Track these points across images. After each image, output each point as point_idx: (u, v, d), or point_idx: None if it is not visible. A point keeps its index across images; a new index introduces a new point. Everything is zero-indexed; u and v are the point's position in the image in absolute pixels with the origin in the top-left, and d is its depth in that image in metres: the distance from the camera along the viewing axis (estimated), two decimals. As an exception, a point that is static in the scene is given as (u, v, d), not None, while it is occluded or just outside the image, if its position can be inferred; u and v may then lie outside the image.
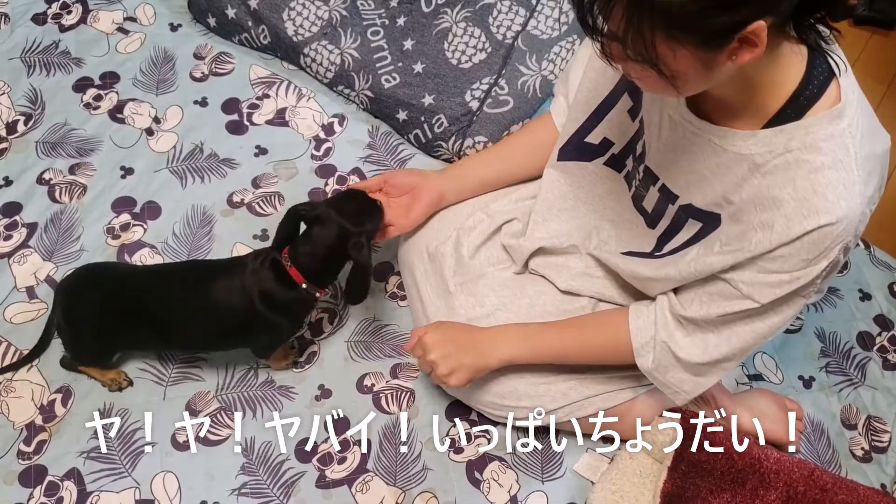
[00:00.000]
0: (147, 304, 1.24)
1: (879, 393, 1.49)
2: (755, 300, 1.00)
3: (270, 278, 1.21)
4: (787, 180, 0.92)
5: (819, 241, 0.92)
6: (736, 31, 0.78)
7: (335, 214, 1.19)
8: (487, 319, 1.29)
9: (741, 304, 1.02)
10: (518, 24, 1.69)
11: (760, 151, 0.94)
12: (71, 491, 1.26)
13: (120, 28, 1.77)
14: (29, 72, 1.68)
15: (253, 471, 1.30)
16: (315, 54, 1.68)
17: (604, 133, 1.21)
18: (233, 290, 1.22)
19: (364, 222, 1.21)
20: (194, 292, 1.24)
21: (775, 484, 1.24)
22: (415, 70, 1.65)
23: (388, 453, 1.34)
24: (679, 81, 0.85)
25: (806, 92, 0.91)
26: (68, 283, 1.30)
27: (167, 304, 1.24)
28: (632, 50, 0.82)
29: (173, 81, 1.70)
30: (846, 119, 0.91)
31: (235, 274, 1.22)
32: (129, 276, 1.31)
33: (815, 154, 0.90)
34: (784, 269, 0.96)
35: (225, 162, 1.61)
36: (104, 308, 1.24)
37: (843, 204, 0.90)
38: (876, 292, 1.61)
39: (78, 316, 1.26)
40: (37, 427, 1.30)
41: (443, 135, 1.62)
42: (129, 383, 1.34)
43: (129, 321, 1.24)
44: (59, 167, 1.56)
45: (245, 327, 1.25)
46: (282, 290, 1.21)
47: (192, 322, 1.25)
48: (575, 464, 1.36)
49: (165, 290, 1.25)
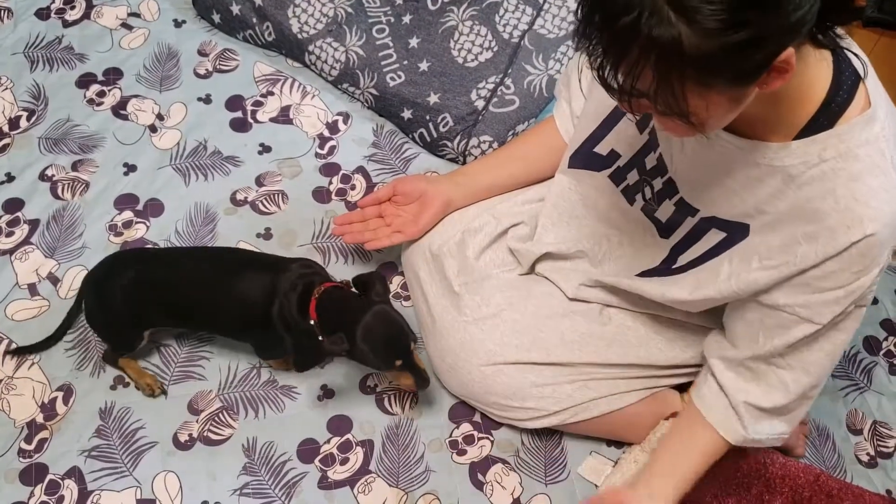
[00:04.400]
0: (178, 283, 1.26)
1: (886, 398, 1.49)
2: (815, 322, 0.98)
3: (296, 295, 1.20)
4: (826, 191, 0.90)
5: (867, 251, 0.90)
6: (768, 64, 0.76)
7: (368, 316, 1.17)
8: (493, 319, 1.29)
9: (803, 330, 0.99)
10: (525, 22, 1.68)
11: (794, 163, 0.92)
12: (72, 490, 1.25)
13: (124, 24, 1.76)
14: (32, 67, 1.67)
15: (255, 471, 1.29)
16: (320, 52, 1.68)
17: (611, 145, 1.19)
18: (261, 286, 1.22)
19: (365, 349, 1.17)
20: (225, 277, 1.24)
21: (781, 489, 1.23)
22: (420, 68, 1.64)
23: (390, 454, 1.33)
24: (707, 125, 0.83)
25: (837, 98, 0.89)
26: (99, 270, 1.30)
27: (196, 283, 1.25)
28: (662, 105, 0.79)
29: (177, 78, 1.69)
30: (878, 123, 0.89)
31: (272, 273, 1.23)
32: (160, 255, 1.35)
33: (852, 162, 0.88)
34: (838, 284, 0.94)
35: (228, 159, 1.60)
36: (134, 285, 1.25)
37: (886, 209, 0.88)
38: (883, 297, 1.60)
39: (109, 297, 1.26)
40: (38, 425, 1.30)
41: (448, 134, 1.61)
42: (163, 392, 1.34)
43: (160, 298, 1.25)
44: (61, 163, 1.55)
45: (256, 326, 1.24)
46: (296, 310, 1.20)
47: (216, 305, 1.25)
48: (579, 467, 1.35)
49: (196, 270, 1.26)
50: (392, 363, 1.18)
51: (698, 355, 1.28)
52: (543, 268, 1.32)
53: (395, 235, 1.34)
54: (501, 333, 1.28)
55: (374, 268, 1.51)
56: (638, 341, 1.29)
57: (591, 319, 1.29)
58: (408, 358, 1.19)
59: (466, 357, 1.29)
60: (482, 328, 1.29)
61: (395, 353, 1.18)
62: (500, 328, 1.28)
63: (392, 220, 1.37)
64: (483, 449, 1.35)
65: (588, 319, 1.29)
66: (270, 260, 1.31)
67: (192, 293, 1.25)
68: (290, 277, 1.21)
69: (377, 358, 1.18)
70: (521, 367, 1.28)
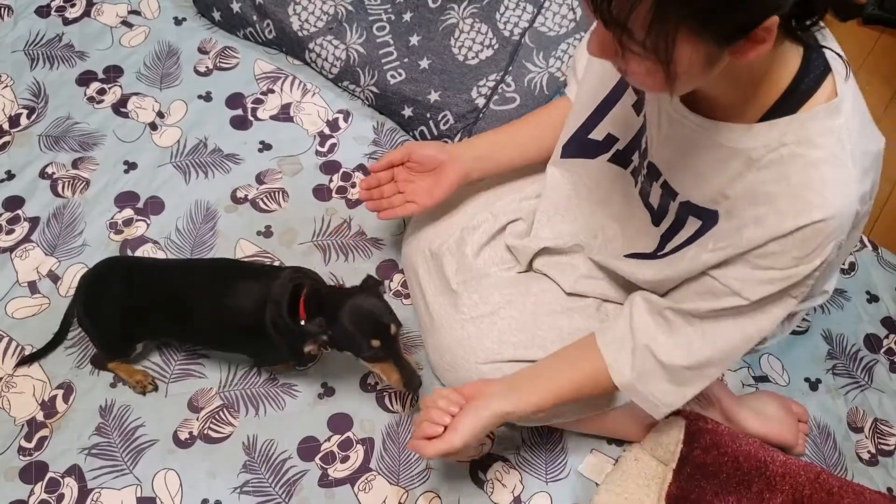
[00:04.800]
0: (170, 295, 1.24)
1: (886, 396, 1.48)
2: (744, 297, 0.98)
3: (286, 299, 1.19)
4: (781, 175, 0.90)
5: (811, 238, 0.90)
6: (754, 26, 0.76)
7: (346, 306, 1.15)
8: (491, 317, 1.28)
9: (729, 301, 0.99)
10: (525, 20, 1.68)
11: (755, 146, 0.92)
12: (72, 488, 1.25)
13: (124, 21, 1.76)
14: (32, 65, 1.67)
15: (255, 469, 1.29)
16: (320, 49, 1.67)
17: (608, 129, 1.19)
18: (252, 295, 1.21)
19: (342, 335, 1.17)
20: (217, 288, 1.23)
21: (781, 487, 1.23)
22: (421, 66, 1.64)
23: (391, 452, 1.33)
24: (679, 80, 0.83)
25: (801, 86, 0.89)
26: (90, 275, 1.29)
27: (190, 296, 1.24)
28: (650, 44, 0.78)
29: (177, 76, 1.69)
30: (843, 115, 0.89)
31: (261, 281, 1.22)
32: (153, 267, 1.33)
33: (811, 149, 0.88)
34: (776, 265, 0.94)
35: (229, 157, 1.60)
36: (126, 297, 1.24)
37: (837, 200, 0.88)
38: (883, 294, 1.60)
39: (99, 306, 1.25)
40: (38, 423, 1.30)
41: (448, 132, 1.61)
42: (154, 388, 1.34)
43: (151, 309, 1.25)
44: (61, 161, 1.55)
45: (250, 335, 1.23)
46: (286, 313, 1.19)
47: (208, 317, 1.24)
48: (579, 465, 1.35)
49: (189, 283, 1.26)
50: (368, 342, 1.15)
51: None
52: (541, 263, 1.32)
53: (409, 206, 1.31)
54: (500, 331, 1.28)
55: (375, 265, 1.51)
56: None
57: (589, 316, 1.28)
58: (387, 340, 1.16)
59: (465, 355, 1.28)
60: (480, 326, 1.28)
61: (371, 331, 1.15)
62: (498, 326, 1.28)
63: (405, 187, 1.33)
64: (483, 447, 1.35)
65: (586, 316, 1.28)
66: (261, 269, 1.30)
67: (183, 306, 1.24)
68: (280, 283, 1.20)
69: (353, 337, 1.16)
70: (520, 365, 1.27)
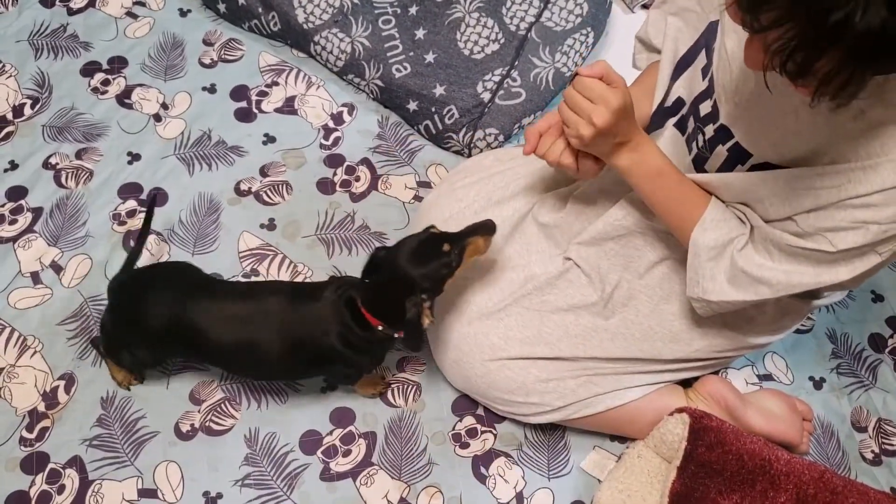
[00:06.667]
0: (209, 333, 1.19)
1: (891, 395, 1.48)
2: (832, 244, 0.96)
3: (347, 317, 1.16)
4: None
5: None
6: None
7: (400, 262, 1.13)
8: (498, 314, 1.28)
9: (816, 244, 0.97)
10: (532, 15, 1.67)
11: (870, 100, 0.88)
12: (73, 479, 1.25)
13: (129, 12, 1.75)
14: (36, 55, 1.66)
15: (257, 462, 1.29)
16: (325, 42, 1.67)
17: (678, 92, 1.16)
18: (310, 322, 1.18)
19: (425, 278, 1.13)
20: (270, 321, 1.19)
21: (785, 486, 1.22)
22: (426, 60, 1.63)
23: (393, 447, 1.33)
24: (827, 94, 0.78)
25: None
26: (126, 282, 1.25)
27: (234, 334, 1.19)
28: (834, 88, 0.74)
29: (182, 67, 1.69)
30: None
31: (313, 304, 1.18)
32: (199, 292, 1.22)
33: None
34: (876, 218, 0.91)
35: (233, 149, 1.59)
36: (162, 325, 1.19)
37: None
38: (889, 294, 1.59)
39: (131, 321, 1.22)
40: (39, 414, 1.29)
41: (453, 126, 1.60)
42: (141, 381, 1.33)
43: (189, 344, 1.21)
44: (65, 152, 1.55)
45: (322, 360, 1.21)
46: (358, 329, 1.16)
47: (262, 352, 1.19)
48: (582, 461, 1.35)
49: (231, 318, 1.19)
50: (442, 255, 1.13)
51: (702, 350, 1.28)
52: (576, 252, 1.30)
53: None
54: (506, 328, 1.27)
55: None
56: (642, 335, 1.28)
57: (595, 314, 1.28)
58: (444, 239, 1.14)
59: (470, 351, 1.28)
60: (486, 323, 1.28)
61: (433, 246, 1.14)
62: (504, 322, 1.28)
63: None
64: (486, 442, 1.35)
65: (592, 314, 1.28)
66: (303, 290, 1.24)
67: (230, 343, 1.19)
68: (331, 306, 1.17)
69: (432, 266, 1.13)
70: (525, 362, 1.27)
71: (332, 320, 1.17)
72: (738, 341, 1.27)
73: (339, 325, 1.16)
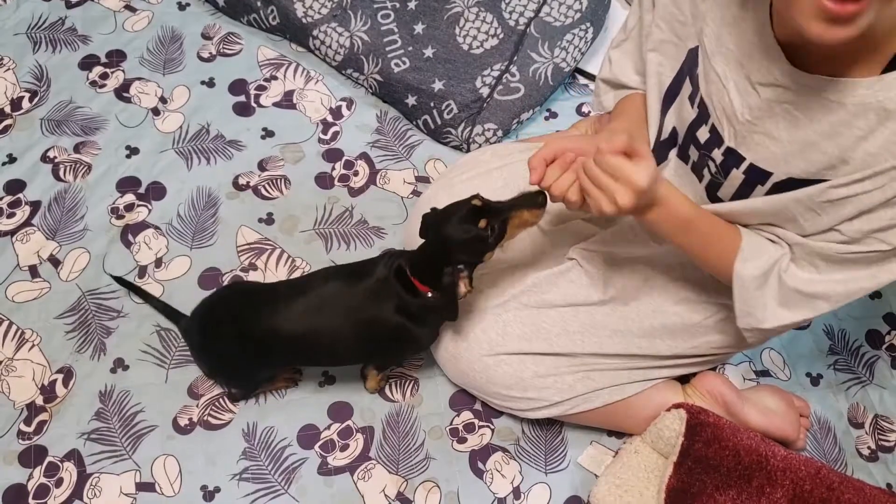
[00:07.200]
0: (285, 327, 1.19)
1: (887, 392, 1.48)
2: (886, 242, 0.94)
3: (398, 287, 1.16)
4: None
5: None
6: None
7: (440, 230, 1.11)
8: (496, 309, 1.28)
9: (868, 246, 0.95)
10: (531, 10, 1.67)
11: (892, 96, 0.87)
12: (71, 472, 1.25)
13: (127, 6, 1.75)
14: (35, 48, 1.66)
15: (255, 456, 1.29)
16: (324, 36, 1.66)
17: (672, 123, 1.15)
18: (370, 298, 1.18)
19: (460, 250, 1.11)
20: (337, 307, 1.20)
21: (782, 482, 1.22)
22: (425, 55, 1.63)
23: (391, 441, 1.33)
24: None
25: None
26: (205, 312, 1.26)
27: (307, 323, 1.20)
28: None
29: (180, 61, 1.68)
30: None
31: (368, 280, 1.19)
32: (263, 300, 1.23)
33: None
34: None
35: (231, 144, 1.59)
36: (242, 339, 1.20)
37: None
38: (886, 290, 1.60)
39: (214, 346, 1.25)
40: (37, 407, 1.29)
41: (452, 121, 1.60)
42: (294, 384, 1.36)
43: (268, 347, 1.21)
44: (63, 145, 1.55)
45: (387, 336, 1.21)
46: (409, 297, 1.16)
47: (335, 337, 1.21)
48: (579, 456, 1.35)
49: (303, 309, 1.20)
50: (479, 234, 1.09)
51: (700, 346, 1.28)
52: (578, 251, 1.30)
53: None
54: (504, 323, 1.28)
55: (377, 253, 1.50)
56: (640, 332, 1.28)
57: (594, 311, 1.28)
58: (483, 213, 1.10)
59: (468, 346, 1.28)
60: (485, 318, 1.28)
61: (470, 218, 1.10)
62: (503, 318, 1.28)
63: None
64: (483, 437, 1.35)
65: (591, 311, 1.28)
66: (357, 269, 1.23)
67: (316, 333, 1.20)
68: (383, 277, 1.17)
69: (477, 235, 1.09)
70: (523, 357, 1.27)
71: (387, 293, 1.17)
72: (735, 338, 1.27)
73: (394, 296, 1.17)
